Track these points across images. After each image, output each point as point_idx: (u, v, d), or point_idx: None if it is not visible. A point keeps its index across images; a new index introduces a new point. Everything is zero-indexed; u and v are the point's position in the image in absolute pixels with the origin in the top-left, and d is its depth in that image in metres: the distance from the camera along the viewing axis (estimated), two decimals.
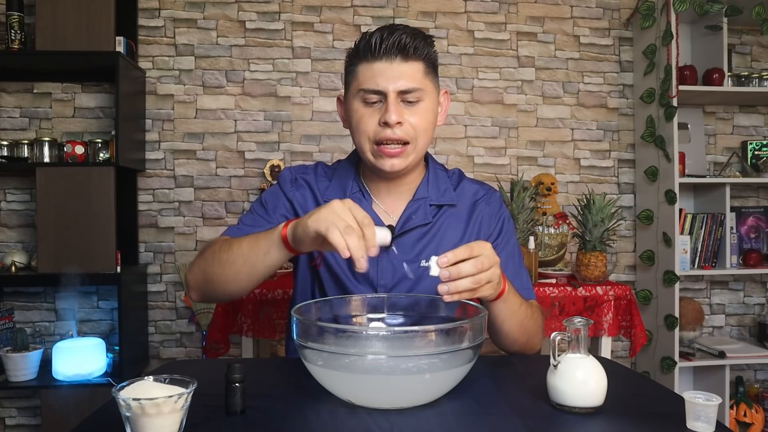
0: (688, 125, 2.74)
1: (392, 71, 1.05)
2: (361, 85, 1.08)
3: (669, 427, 0.75)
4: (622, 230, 2.77)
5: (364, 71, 1.07)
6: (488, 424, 0.76)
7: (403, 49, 1.05)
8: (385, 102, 1.07)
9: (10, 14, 2.23)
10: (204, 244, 1.13)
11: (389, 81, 1.05)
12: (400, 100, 1.07)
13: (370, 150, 1.10)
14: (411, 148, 1.10)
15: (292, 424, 0.76)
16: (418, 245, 1.15)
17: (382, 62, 1.06)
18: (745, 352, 2.52)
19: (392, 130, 1.06)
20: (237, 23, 2.58)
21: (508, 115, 2.71)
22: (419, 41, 1.07)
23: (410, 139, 1.09)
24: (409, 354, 0.79)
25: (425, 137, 1.11)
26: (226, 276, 1.03)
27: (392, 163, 1.09)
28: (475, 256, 0.88)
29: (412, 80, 1.06)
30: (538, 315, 1.14)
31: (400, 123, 1.07)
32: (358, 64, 1.09)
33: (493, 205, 1.22)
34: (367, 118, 1.08)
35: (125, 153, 2.28)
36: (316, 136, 2.61)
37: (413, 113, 1.08)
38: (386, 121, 1.06)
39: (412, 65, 1.07)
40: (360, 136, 1.10)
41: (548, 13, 2.72)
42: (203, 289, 1.09)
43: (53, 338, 2.44)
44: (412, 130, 1.08)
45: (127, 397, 0.65)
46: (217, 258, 1.04)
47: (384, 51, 1.05)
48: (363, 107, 1.09)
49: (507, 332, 1.06)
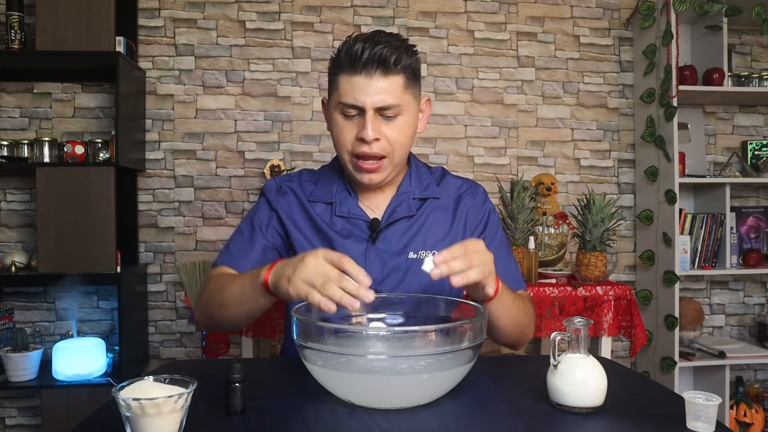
0: (688, 125, 2.74)
1: (371, 87, 1.05)
2: (341, 98, 1.08)
3: (669, 427, 0.75)
4: (622, 230, 2.77)
5: (344, 84, 1.08)
6: (488, 424, 0.76)
7: (383, 62, 1.05)
8: (363, 117, 1.08)
9: (10, 14, 2.23)
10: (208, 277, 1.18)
11: (367, 96, 1.06)
12: (378, 114, 1.08)
13: (350, 162, 1.13)
14: (387, 162, 1.12)
15: (292, 424, 0.76)
16: (404, 237, 1.17)
17: (361, 76, 1.05)
18: (745, 352, 2.52)
19: (369, 146, 1.08)
20: (237, 23, 2.58)
21: (508, 115, 2.71)
22: (401, 53, 1.06)
23: (386, 154, 1.10)
24: (409, 354, 0.79)
25: (402, 150, 1.13)
26: (225, 317, 1.10)
27: (370, 177, 1.13)
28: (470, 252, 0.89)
29: (390, 96, 1.06)
30: (530, 307, 1.17)
31: (377, 139, 1.08)
32: (339, 73, 1.09)
33: (477, 199, 1.24)
34: (346, 131, 1.10)
35: (125, 153, 2.28)
36: (316, 136, 2.61)
37: (390, 128, 1.09)
38: (362, 138, 1.07)
39: (392, 80, 1.06)
40: (340, 148, 1.13)
41: (548, 13, 2.72)
42: (210, 326, 1.17)
43: (53, 338, 2.44)
44: (389, 145, 1.10)
45: (127, 397, 0.65)
46: (213, 301, 1.10)
47: (364, 64, 1.05)
48: (342, 119, 1.10)
49: (502, 328, 1.09)
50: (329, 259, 0.87)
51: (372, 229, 1.16)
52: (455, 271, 0.87)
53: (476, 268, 0.89)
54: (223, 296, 1.07)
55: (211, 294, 1.11)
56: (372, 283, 1.14)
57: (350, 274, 0.85)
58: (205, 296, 1.14)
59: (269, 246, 1.19)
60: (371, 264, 1.15)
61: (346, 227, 1.17)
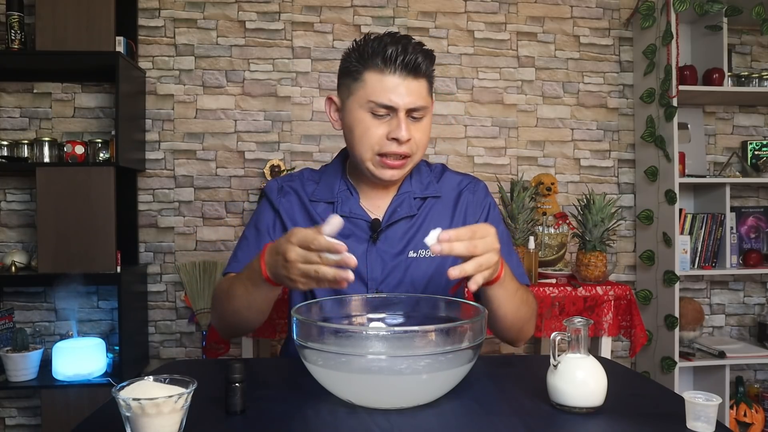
0: (688, 125, 2.74)
1: (404, 88, 1.08)
2: (371, 96, 1.08)
3: (669, 427, 0.75)
4: (622, 230, 2.77)
5: (375, 82, 1.08)
6: (488, 424, 0.76)
7: (416, 68, 1.08)
8: (394, 117, 1.09)
9: (10, 14, 2.23)
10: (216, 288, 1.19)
11: (401, 98, 1.07)
12: (407, 116, 1.10)
13: (371, 160, 1.13)
14: (410, 161, 1.14)
15: (292, 424, 0.76)
16: (405, 237, 1.17)
17: (395, 77, 1.07)
18: (745, 352, 2.52)
19: (398, 145, 1.09)
20: (237, 23, 2.58)
21: (508, 115, 2.71)
22: (428, 61, 1.10)
23: (412, 153, 1.12)
24: (409, 354, 0.79)
25: (423, 150, 1.16)
26: (240, 322, 1.11)
27: (392, 174, 1.13)
28: (477, 238, 0.89)
29: (420, 98, 1.09)
30: (532, 300, 1.16)
31: (409, 139, 1.10)
32: (365, 71, 1.09)
33: (477, 194, 1.24)
34: (374, 129, 1.10)
35: (125, 153, 2.28)
36: (316, 136, 2.61)
37: (418, 129, 1.12)
38: (397, 138, 1.08)
39: (420, 83, 1.10)
40: (362, 146, 1.12)
41: (548, 13, 2.72)
42: (229, 333, 1.19)
43: (53, 338, 2.44)
44: (415, 146, 1.12)
45: (127, 397, 0.65)
46: (225, 310, 1.12)
47: (399, 66, 1.07)
48: (370, 118, 1.10)
49: (503, 317, 1.07)
50: (303, 245, 0.88)
51: (373, 229, 1.16)
52: (456, 253, 0.87)
53: (474, 262, 0.88)
54: (232, 303, 1.08)
55: (221, 304, 1.13)
56: (372, 284, 1.15)
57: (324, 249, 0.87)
58: (217, 308, 1.16)
59: None
60: (372, 264, 1.15)
61: (348, 227, 1.16)
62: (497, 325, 1.10)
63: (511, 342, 1.16)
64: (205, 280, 2.50)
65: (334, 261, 0.86)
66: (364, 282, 1.15)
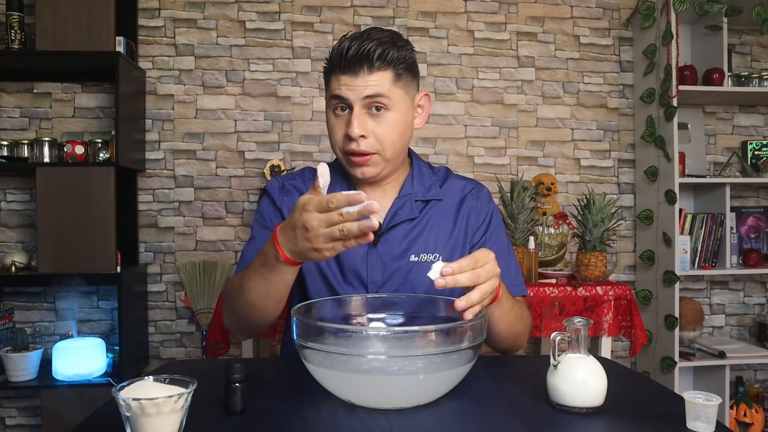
0: (688, 125, 2.74)
1: (357, 81, 1.06)
2: (331, 91, 1.10)
3: (669, 427, 0.75)
4: (622, 230, 2.77)
5: (334, 80, 1.09)
6: (488, 424, 0.76)
7: (367, 58, 1.05)
8: (350, 113, 1.08)
9: (10, 14, 2.23)
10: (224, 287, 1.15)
11: (353, 90, 1.06)
12: (366, 109, 1.08)
13: (344, 159, 1.13)
14: (378, 158, 1.11)
15: (292, 424, 0.76)
16: (406, 240, 1.16)
17: (348, 73, 1.07)
18: (745, 352, 2.52)
19: (356, 143, 1.08)
20: (237, 23, 2.58)
21: (508, 115, 2.71)
22: (387, 48, 1.06)
23: (376, 151, 1.10)
24: (409, 354, 0.79)
25: (393, 147, 1.11)
26: (256, 316, 1.04)
27: (362, 171, 1.12)
28: (479, 267, 0.88)
29: (376, 88, 1.06)
30: (527, 315, 1.16)
31: (364, 136, 1.08)
32: (331, 73, 1.10)
33: (481, 200, 1.23)
34: (337, 128, 1.11)
35: (125, 153, 2.28)
36: (316, 136, 2.61)
37: (379, 124, 1.08)
38: (348, 135, 1.07)
39: (379, 75, 1.06)
40: (333, 145, 1.13)
41: (548, 13, 2.72)
42: (246, 330, 1.13)
43: (53, 338, 2.44)
44: (377, 143, 1.09)
45: (127, 397, 0.65)
46: (239, 306, 1.05)
47: (349, 62, 1.06)
48: (333, 117, 1.11)
49: (497, 333, 1.08)
50: (321, 209, 0.84)
51: (374, 232, 1.15)
52: (460, 284, 0.87)
53: (479, 290, 0.88)
54: (247, 296, 1.02)
55: (235, 301, 1.07)
56: (373, 287, 1.14)
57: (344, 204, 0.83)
58: (230, 306, 1.10)
59: None
60: (372, 267, 1.14)
61: None
62: (491, 339, 1.10)
63: (502, 352, 1.16)
64: (205, 280, 2.50)
65: (356, 213, 0.82)
66: (365, 285, 1.15)
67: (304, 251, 0.88)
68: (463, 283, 0.87)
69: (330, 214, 0.83)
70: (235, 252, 2.59)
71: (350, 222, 0.83)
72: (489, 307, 0.99)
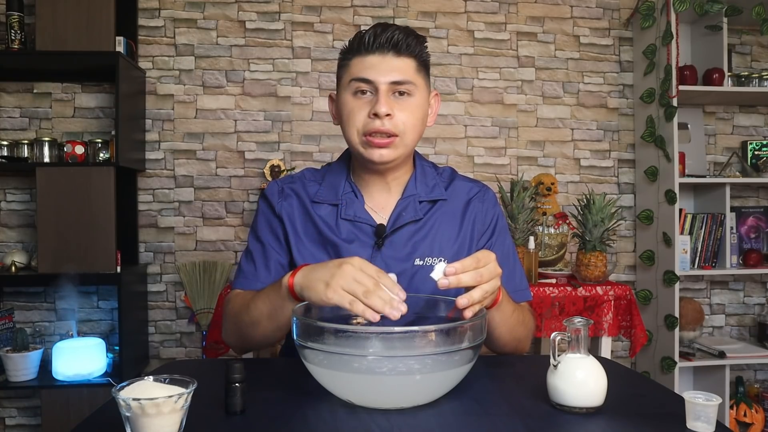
0: (688, 125, 2.74)
1: (384, 64, 1.07)
2: (353, 75, 1.09)
3: (669, 427, 0.75)
4: (622, 230, 2.77)
5: (357, 64, 1.09)
6: (488, 424, 0.76)
7: (395, 45, 1.08)
8: (375, 94, 1.08)
9: (10, 14, 2.23)
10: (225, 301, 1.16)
11: (380, 73, 1.07)
12: (391, 93, 1.09)
13: (359, 141, 1.11)
14: (399, 141, 1.10)
15: (292, 424, 0.76)
16: (410, 242, 1.15)
17: (375, 56, 1.08)
18: (745, 352, 2.52)
19: (381, 121, 1.07)
20: (237, 23, 2.58)
21: (508, 115, 2.71)
22: (411, 39, 1.09)
23: (399, 133, 1.09)
24: (409, 354, 0.79)
25: (413, 133, 1.12)
26: (256, 334, 1.06)
27: (381, 153, 1.10)
28: (481, 267, 0.88)
29: (403, 73, 1.08)
30: (530, 320, 1.15)
31: (390, 115, 1.08)
32: (351, 58, 1.11)
33: (487, 203, 1.22)
34: (357, 110, 1.10)
35: (125, 153, 2.28)
36: (316, 136, 2.61)
37: (403, 108, 1.09)
38: (376, 113, 1.07)
39: (404, 60, 1.09)
40: (350, 128, 1.11)
41: (548, 13, 2.72)
42: (243, 347, 1.14)
43: (53, 338, 2.44)
44: (401, 124, 1.09)
45: (127, 397, 0.65)
46: (242, 321, 1.07)
47: (377, 46, 1.08)
48: (353, 99, 1.10)
49: (498, 337, 1.08)
50: (367, 270, 0.86)
51: (378, 234, 1.14)
52: (463, 284, 0.87)
53: (480, 289, 0.88)
54: (251, 314, 1.03)
55: (238, 314, 1.08)
56: None
57: (387, 286, 0.85)
58: (232, 318, 1.11)
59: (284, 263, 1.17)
60: None
61: (352, 231, 1.14)
62: (492, 343, 1.10)
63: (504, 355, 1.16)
64: (205, 280, 2.50)
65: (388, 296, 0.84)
66: None
67: (316, 281, 0.89)
68: (467, 282, 0.87)
69: (369, 278, 0.85)
70: (235, 252, 2.59)
71: (378, 298, 0.83)
72: (490, 312, 0.99)
